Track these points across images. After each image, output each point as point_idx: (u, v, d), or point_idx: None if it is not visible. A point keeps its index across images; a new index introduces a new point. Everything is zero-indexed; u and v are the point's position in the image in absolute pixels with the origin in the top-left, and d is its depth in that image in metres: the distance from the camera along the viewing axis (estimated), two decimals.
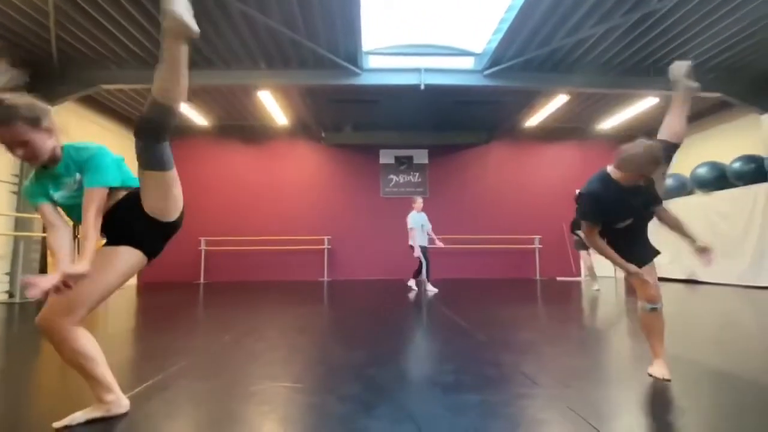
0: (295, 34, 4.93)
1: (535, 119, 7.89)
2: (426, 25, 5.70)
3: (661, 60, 5.71)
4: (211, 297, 5.55)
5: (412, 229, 5.94)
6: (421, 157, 8.96)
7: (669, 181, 7.59)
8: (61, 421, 1.32)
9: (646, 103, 6.96)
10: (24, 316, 4.02)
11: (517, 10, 4.60)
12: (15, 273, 5.35)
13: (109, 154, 1.45)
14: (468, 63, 6.03)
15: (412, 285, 6.12)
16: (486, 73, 5.86)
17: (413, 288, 6.00)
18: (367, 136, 8.80)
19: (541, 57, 5.63)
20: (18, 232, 5.34)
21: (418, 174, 8.96)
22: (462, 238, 8.49)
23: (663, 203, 1.99)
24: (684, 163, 7.36)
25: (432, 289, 5.74)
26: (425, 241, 6.01)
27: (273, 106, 7.08)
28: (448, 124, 8.49)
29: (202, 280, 8.18)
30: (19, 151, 1.25)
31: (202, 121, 7.96)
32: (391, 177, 8.93)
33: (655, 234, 2.04)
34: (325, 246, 8.44)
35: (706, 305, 4.68)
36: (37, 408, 1.68)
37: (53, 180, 1.37)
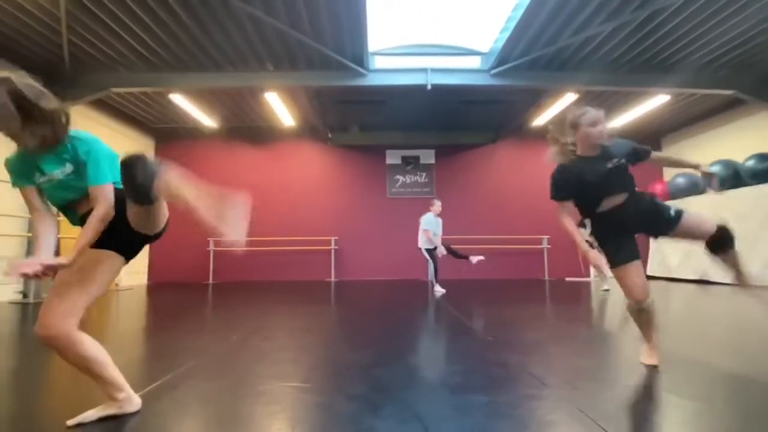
0: (301, 35, 4.95)
1: (542, 118, 7.83)
2: (432, 24, 5.69)
3: (670, 57, 5.63)
4: (220, 297, 5.59)
5: (427, 231, 5.81)
6: (427, 157, 8.94)
7: (680, 180, 7.48)
8: (74, 419, 1.34)
9: (656, 101, 6.86)
10: (37, 316, 4.10)
11: (523, 9, 4.57)
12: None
13: (105, 147, 1.46)
14: (475, 62, 6.01)
15: (440, 290, 5.75)
16: (493, 72, 5.83)
17: (440, 291, 5.67)
18: (374, 137, 8.81)
19: (548, 56, 5.59)
20: (30, 233, 5.44)
21: (424, 174, 8.95)
22: (469, 238, 8.45)
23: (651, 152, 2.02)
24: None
25: (440, 290, 5.70)
26: (437, 241, 5.90)
27: (280, 107, 7.12)
28: (454, 124, 8.47)
29: (211, 281, 8.26)
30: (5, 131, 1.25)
31: (210, 122, 8.03)
32: (398, 177, 8.93)
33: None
34: (332, 246, 8.47)
35: (719, 306, 4.60)
36: (50, 406, 1.71)
37: (41, 165, 1.33)
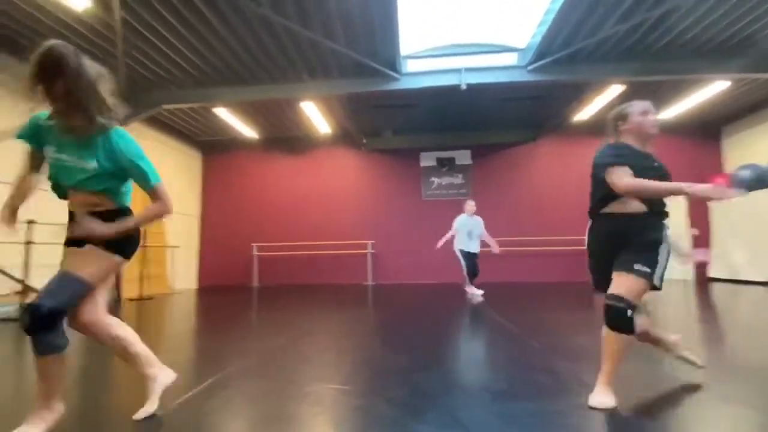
0: (335, 44, 5.07)
1: (585, 113, 7.46)
2: (465, 24, 5.61)
3: (731, 38, 5.16)
4: (264, 300, 5.81)
5: (458, 232, 5.77)
6: (463, 158, 8.80)
7: (745, 172, 6.83)
8: (138, 414, 1.45)
9: (714, 88, 6.33)
10: None
11: (562, 0, 4.39)
12: None
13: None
14: (511, 59, 5.84)
15: (474, 292, 5.65)
16: (530, 68, 5.64)
17: (476, 295, 5.55)
18: (408, 140, 8.81)
19: (590, 47, 5.33)
20: None
21: (461, 175, 8.81)
22: (509, 240, 8.20)
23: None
24: (755, 158, 6.60)
25: (476, 292, 5.57)
26: (472, 246, 5.79)
27: (316, 115, 7.31)
28: (491, 123, 8.28)
29: (255, 284, 8.59)
30: (55, 98, 1.28)
31: (251, 133, 8.40)
32: (433, 179, 8.86)
33: (731, 234, 1.83)
34: (369, 250, 8.54)
35: None
36: (112, 401, 1.84)
37: (69, 143, 1.35)
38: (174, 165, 8.26)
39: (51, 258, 5.78)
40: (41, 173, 1.48)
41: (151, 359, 1.55)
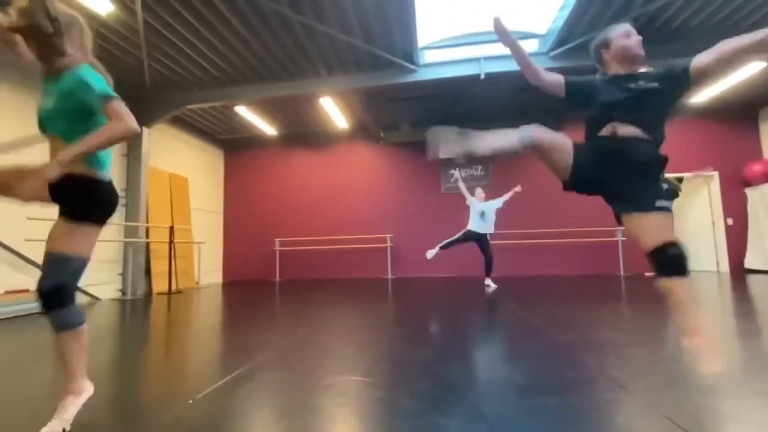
0: (351, 38, 5.05)
1: None
2: (482, 12, 5.48)
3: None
4: (286, 294, 5.92)
5: (471, 212, 5.73)
6: None
7: None
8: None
9: (751, 69, 5.97)
10: (134, 310, 4.65)
11: None
12: (126, 274, 6.22)
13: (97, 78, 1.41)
14: (531, 46, 5.68)
15: (489, 284, 5.69)
16: (552, 54, 5.47)
17: (491, 286, 5.60)
18: (424, 133, 8.73)
19: None
20: (127, 238, 6.19)
21: (481, 167, 8.67)
22: (533, 232, 8.06)
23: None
24: None
25: (433, 254, 5.68)
26: (484, 227, 5.70)
27: (334, 111, 7.34)
28: (512, 112, 8.09)
29: (277, 278, 8.77)
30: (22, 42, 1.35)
31: (271, 131, 8.52)
32: (453, 172, 8.74)
33: None
34: (388, 244, 8.56)
35: None
36: (146, 392, 1.93)
37: (49, 88, 1.42)
38: (198, 163, 8.49)
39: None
40: None
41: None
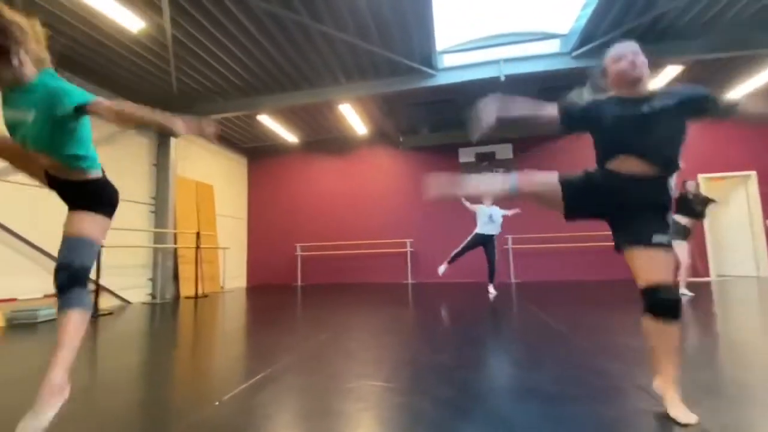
0: (369, 45, 5.11)
1: None
2: (501, 13, 5.44)
3: None
4: (307, 298, 5.99)
5: (479, 217, 5.79)
6: (504, 152, 8.53)
7: None
8: None
9: None
10: (163, 313, 4.81)
11: None
12: (156, 279, 6.45)
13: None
14: (553, 46, 5.58)
15: (491, 291, 5.81)
16: (575, 54, 5.36)
17: (491, 293, 5.71)
18: (445, 136, 8.70)
19: (643, 26, 4.96)
20: (156, 244, 6.43)
21: (501, 170, 8.55)
22: (556, 236, 7.86)
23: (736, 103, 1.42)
24: None
25: (443, 270, 5.83)
26: (492, 228, 5.75)
27: (353, 117, 7.42)
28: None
29: (299, 283, 8.89)
30: None
31: (292, 138, 8.69)
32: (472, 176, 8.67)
33: None
34: (407, 249, 8.53)
35: None
36: (174, 394, 1.99)
37: (15, 97, 1.38)
38: (222, 171, 8.74)
39: (119, 259, 6.27)
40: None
41: None
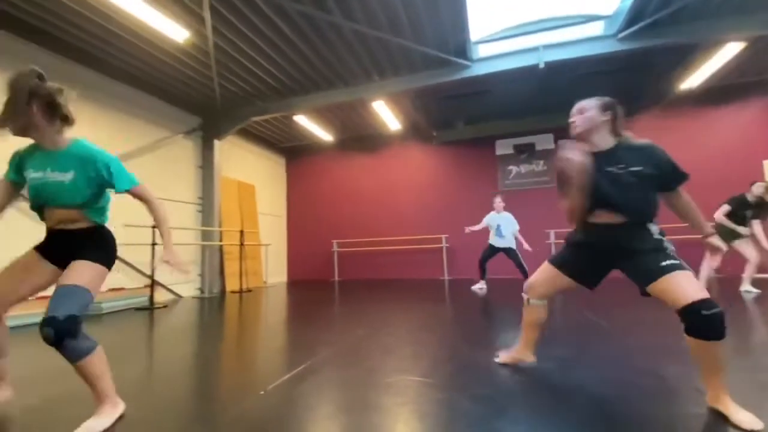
0: (402, 40, 5.08)
1: (693, 80, 6.42)
2: None
3: None
4: (345, 293, 6.10)
5: (489, 228, 5.83)
6: (544, 142, 8.19)
7: None
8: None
9: None
10: (211, 307, 5.10)
11: None
12: (204, 274, 6.83)
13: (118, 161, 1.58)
14: (596, 29, 5.27)
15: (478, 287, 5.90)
16: (621, 36, 5.03)
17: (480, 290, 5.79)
18: (481, 129, 8.49)
19: (696, 2, 4.57)
20: (204, 242, 6.80)
21: (542, 162, 8.22)
22: None
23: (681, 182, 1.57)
24: None
25: (480, 288, 5.77)
26: (499, 242, 5.74)
27: (386, 113, 7.43)
28: (574, 102, 7.58)
29: (336, 278, 9.07)
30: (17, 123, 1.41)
31: (327, 137, 8.85)
32: (511, 168, 8.40)
33: None
34: (443, 245, 8.44)
35: None
36: (225, 381, 2.10)
37: (46, 159, 1.50)
38: (263, 172, 9.08)
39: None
40: (11, 203, 1.62)
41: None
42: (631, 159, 1.55)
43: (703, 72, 6.10)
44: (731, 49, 5.38)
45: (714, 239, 1.56)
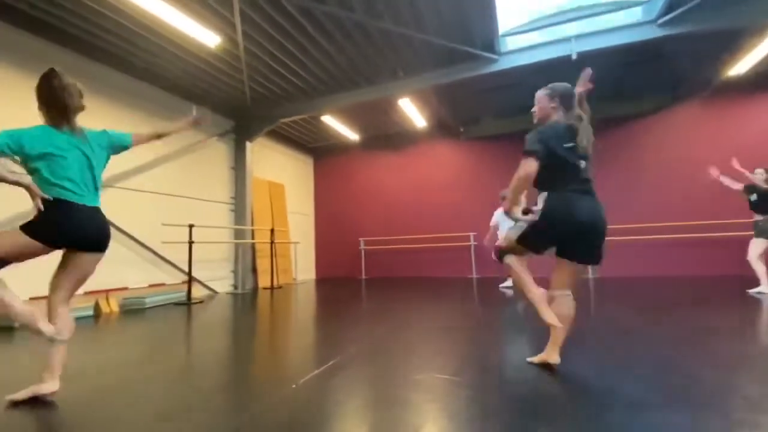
0: (427, 36, 5.04)
1: (743, 65, 5.97)
2: None
3: None
4: (372, 291, 6.15)
5: (500, 225, 5.75)
6: None
7: None
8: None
9: None
10: (244, 302, 5.27)
11: None
12: (237, 270, 7.08)
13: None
14: (633, 16, 5.02)
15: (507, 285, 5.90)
16: (661, 21, 4.76)
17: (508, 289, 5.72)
18: (509, 123, 8.27)
19: None
20: (237, 240, 7.04)
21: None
22: (642, 227, 7.12)
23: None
24: None
25: (509, 287, 5.76)
26: None
27: (412, 111, 7.39)
28: (611, 93, 7.25)
29: (363, 276, 9.15)
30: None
31: (354, 136, 8.92)
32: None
33: None
34: (471, 242, 8.32)
35: None
36: (259, 374, 2.17)
37: (69, 140, 1.81)
38: (291, 171, 9.28)
39: (207, 254, 6.95)
40: None
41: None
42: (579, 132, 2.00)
43: (753, 57, 5.67)
44: None
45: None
